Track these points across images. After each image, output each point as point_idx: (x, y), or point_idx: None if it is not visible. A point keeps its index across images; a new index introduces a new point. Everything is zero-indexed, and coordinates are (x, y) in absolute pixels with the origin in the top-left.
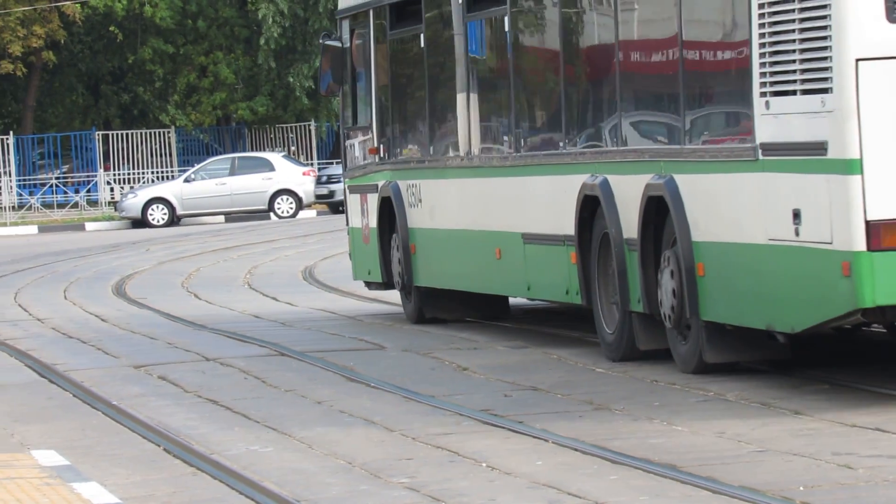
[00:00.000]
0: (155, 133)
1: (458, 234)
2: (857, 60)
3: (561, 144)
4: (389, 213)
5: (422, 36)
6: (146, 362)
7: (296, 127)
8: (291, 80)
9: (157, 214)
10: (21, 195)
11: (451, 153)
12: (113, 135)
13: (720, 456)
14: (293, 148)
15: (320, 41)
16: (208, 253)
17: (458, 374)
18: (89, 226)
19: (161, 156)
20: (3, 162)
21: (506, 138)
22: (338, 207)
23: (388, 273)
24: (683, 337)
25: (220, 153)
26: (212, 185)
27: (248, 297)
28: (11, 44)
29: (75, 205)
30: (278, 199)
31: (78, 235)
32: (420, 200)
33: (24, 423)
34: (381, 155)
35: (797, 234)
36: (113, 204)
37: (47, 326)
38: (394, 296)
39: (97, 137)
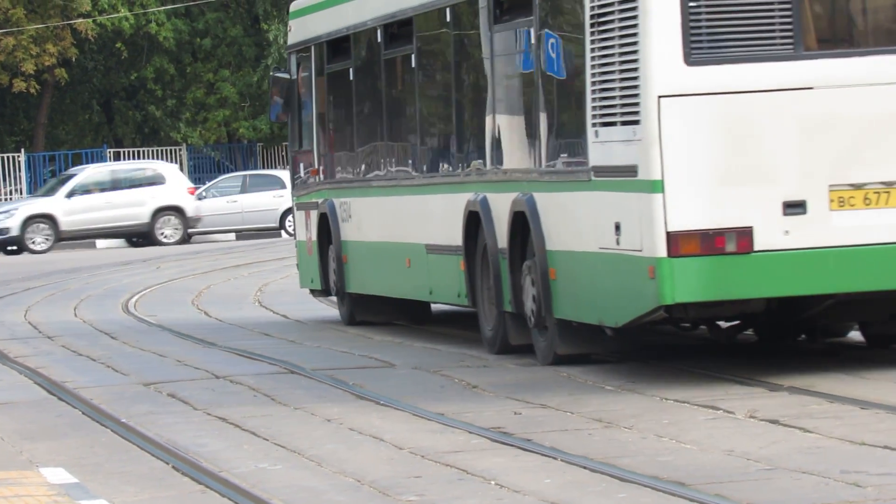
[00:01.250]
0: (166, 150)
1: (379, 245)
2: (659, 97)
3: (453, 168)
4: (326, 227)
5: (350, 70)
6: (155, 380)
7: None
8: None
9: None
10: None
11: (372, 174)
12: (124, 152)
13: (729, 474)
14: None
15: (271, 73)
16: (219, 270)
17: (468, 391)
18: (100, 243)
19: None
20: (15, 179)
21: (413, 162)
22: (5, 247)
23: (327, 281)
24: (542, 332)
25: (232, 171)
26: (223, 202)
27: (258, 315)
28: (24, 62)
29: None
30: (289, 218)
31: (89, 253)
32: (350, 216)
33: (32, 440)
34: (321, 175)
35: (618, 243)
36: None
37: (57, 344)
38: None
39: (108, 155)
